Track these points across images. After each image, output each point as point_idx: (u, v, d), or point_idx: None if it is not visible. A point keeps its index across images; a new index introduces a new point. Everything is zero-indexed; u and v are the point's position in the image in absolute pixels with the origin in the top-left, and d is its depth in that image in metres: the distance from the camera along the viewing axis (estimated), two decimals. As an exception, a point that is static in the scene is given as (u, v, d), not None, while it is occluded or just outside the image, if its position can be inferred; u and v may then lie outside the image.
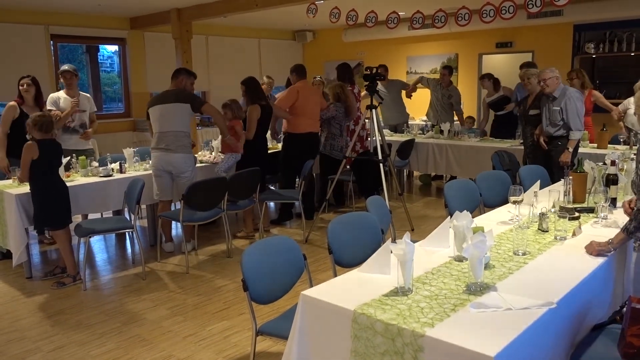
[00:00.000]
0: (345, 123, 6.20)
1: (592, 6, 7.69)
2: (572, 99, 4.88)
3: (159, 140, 4.86)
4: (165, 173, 4.90)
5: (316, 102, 5.98)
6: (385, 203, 3.68)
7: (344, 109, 6.09)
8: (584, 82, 6.08)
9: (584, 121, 5.04)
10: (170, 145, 4.83)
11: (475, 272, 2.12)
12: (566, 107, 4.89)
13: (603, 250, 2.51)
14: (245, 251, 2.53)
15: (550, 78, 4.91)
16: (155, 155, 4.90)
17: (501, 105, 7.17)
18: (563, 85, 5.00)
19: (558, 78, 4.95)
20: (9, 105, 4.99)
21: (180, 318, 3.71)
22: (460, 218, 2.51)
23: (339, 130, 6.13)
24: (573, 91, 4.98)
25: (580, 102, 4.95)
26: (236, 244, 5.35)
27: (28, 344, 3.39)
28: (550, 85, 4.92)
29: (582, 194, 3.42)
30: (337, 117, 6.06)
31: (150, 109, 4.92)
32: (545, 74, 4.94)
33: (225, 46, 10.38)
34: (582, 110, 4.97)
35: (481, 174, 4.29)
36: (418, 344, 1.79)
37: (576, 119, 4.89)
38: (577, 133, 4.93)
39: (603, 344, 2.20)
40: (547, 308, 1.94)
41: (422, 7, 6.51)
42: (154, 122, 4.92)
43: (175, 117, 4.86)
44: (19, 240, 4.33)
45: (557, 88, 4.94)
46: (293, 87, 5.95)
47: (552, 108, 4.97)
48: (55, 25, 8.14)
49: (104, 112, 9.46)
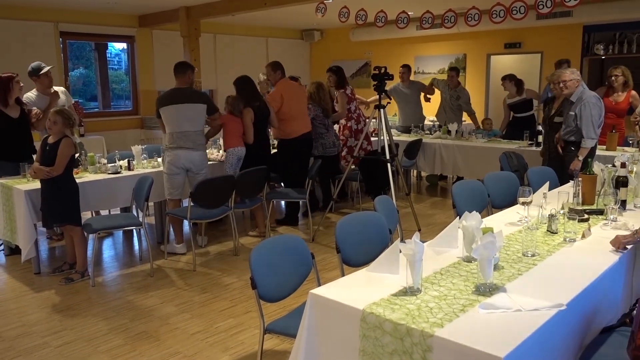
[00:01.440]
0: (328, 121, 6.16)
1: (602, 7, 7.65)
2: (587, 105, 4.64)
3: (179, 139, 4.82)
4: (182, 171, 4.90)
5: (301, 100, 5.89)
6: (392, 203, 3.67)
7: (321, 109, 6.05)
8: (627, 81, 5.77)
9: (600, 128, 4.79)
10: (193, 143, 4.88)
11: (485, 272, 2.12)
12: (580, 113, 4.66)
13: (629, 242, 2.50)
14: (254, 249, 2.53)
15: (571, 80, 4.69)
16: (176, 154, 4.84)
17: (522, 107, 7.04)
18: (583, 88, 4.76)
19: (578, 80, 4.73)
20: None
21: (188, 315, 3.73)
22: (470, 219, 2.50)
23: (325, 128, 6.10)
24: (590, 96, 4.71)
25: (598, 108, 4.69)
26: (243, 242, 5.36)
27: (36, 339, 3.41)
28: (570, 87, 4.71)
29: (592, 196, 3.40)
30: (318, 117, 6.03)
31: (165, 107, 4.82)
32: (565, 75, 4.72)
33: (233, 45, 10.41)
34: (599, 117, 4.71)
35: (489, 174, 4.27)
36: (427, 344, 1.79)
37: (589, 126, 4.64)
38: (588, 141, 4.68)
39: (612, 346, 2.19)
40: (557, 310, 1.93)
41: (431, 7, 6.50)
42: (171, 121, 4.83)
43: (197, 117, 4.91)
44: (28, 236, 4.36)
45: (576, 91, 4.72)
46: (275, 91, 5.77)
47: (569, 112, 4.78)
48: (65, 22, 8.19)
49: (112, 110, 9.51)
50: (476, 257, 2.15)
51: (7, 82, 4.82)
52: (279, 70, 5.80)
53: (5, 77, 4.84)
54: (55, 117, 4.11)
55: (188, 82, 4.96)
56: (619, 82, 5.75)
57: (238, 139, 5.35)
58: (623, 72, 5.75)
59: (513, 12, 5.35)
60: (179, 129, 4.83)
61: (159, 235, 5.41)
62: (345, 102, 6.38)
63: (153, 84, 9.33)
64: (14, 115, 4.88)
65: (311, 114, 5.99)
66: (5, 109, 4.83)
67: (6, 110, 4.85)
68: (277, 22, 10.39)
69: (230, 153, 5.33)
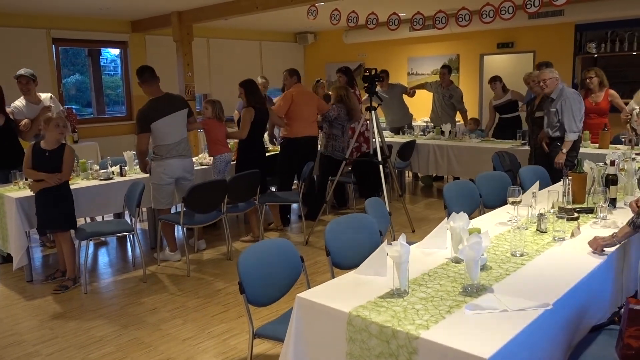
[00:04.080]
0: (348, 125, 6.19)
1: (594, 6, 7.67)
2: (567, 100, 4.83)
3: (173, 149, 4.77)
4: (173, 180, 4.88)
5: (312, 106, 5.96)
6: (384, 204, 3.66)
7: (346, 111, 6.09)
8: (602, 81, 5.92)
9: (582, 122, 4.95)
10: (185, 150, 4.88)
11: (472, 273, 2.11)
12: (562, 107, 4.85)
13: (607, 244, 2.50)
14: (242, 254, 2.53)
15: (550, 79, 4.87)
16: (170, 163, 4.78)
17: (507, 108, 7.11)
18: (562, 85, 4.95)
19: (557, 79, 4.91)
20: None
21: (180, 321, 3.71)
22: (457, 219, 2.50)
23: (341, 131, 6.12)
24: (570, 92, 4.92)
25: (578, 102, 4.89)
26: (236, 246, 5.35)
27: (27, 347, 3.40)
28: (550, 86, 4.89)
29: (582, 195, 3.40)
30: (340, 118, 6.05)
31: (157, 122, 4.67)
32: (545, 74, 4.91)
33: (226, 49, 10.40)
34: (580, 111, 4.89)
35: (481, 174, 4.28)
36: (412, 346, 1.78)
37: (571, 120, 4.82)
38: (571, 134, 4.85)
39: (601, 345, 2.18)
40: (543, 309, 1.93)
41: (422, 8, 6.50)
42: (165, 133, 4.72)
43: (183, 123, 4.88)
44: (19, 244, 4.34)
45: (556, 89, 4.90)
46: (288, 92, 5.92)
47: (550, 109, 4.95)
48: (57, 29, 8.17)
49: (106, 116, 9.50)
50: (462, 258, 2.14)
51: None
52: (295, 75, 6.03)
53: None
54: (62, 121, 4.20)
55: (158, 86, 4.79)
56: (595, 84, 5.93)
57: (223, 145, 5.36)
58: (596, 72, 5.96)
59: (502, 12, 5.36)
60: (172, 140, 4.77)
61: (152, 240, 5.40)
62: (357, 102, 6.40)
63: (147, 89, 9.31)
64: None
65: (334, 114, 6.01)
66: None
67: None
68: (270, 26, 10.39)
69: (217, 160, 5.33)
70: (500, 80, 7.10)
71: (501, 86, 7.08)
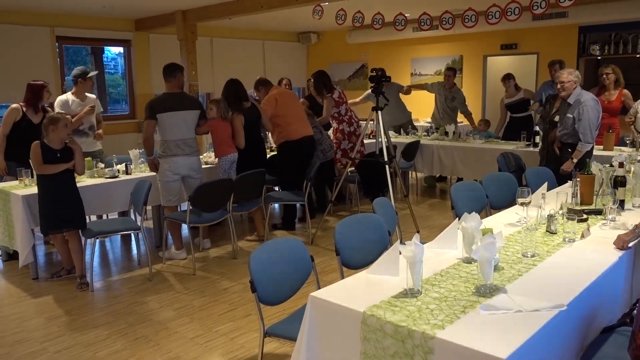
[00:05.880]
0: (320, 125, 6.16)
1: (598, 8, 7.67)
2: (585, 109, 4.57)
3: (177, 147, 4.79)
4: (179, 177, 4.88)
5: (297, 102, 5.91)
6: (391, 204, 3.67)
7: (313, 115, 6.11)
8: (618, 79, 5.79)
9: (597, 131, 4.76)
10: (190, 149, 4.89)
11: (485, 273, 2.11)
12: (579, 116, 4.61)
13: (632, 238, 2.51)
14: (253, 252, 2.53)
15: (569, 82, 4.61)
16: (174, 161, 4.81)
17: (519, 107, 7.07)
18: (580, 90, 4.69)
19: (576, 82, 4.65)
20: (12, 107, 5.00)
21: (187, 319, 3.71)
22: (469, 220, 2.50)
23: (320, 133, 6.07)
24: (589, 99, 4.64)
25: (596, 112, 4.64)
26: (242, 245, 5.35)
27: (34, 344, 3.40)
28: (567, 89, 4.63)
29: (590, 196, 3.41)
30: (311, 122, 6.00)
31: (165, 114, 4.71)
32: (563, 76, 4.65)
33: (230, 48, 10.40)
34: (597, 120, 4.67)
35: (487, 175, 4.28)
36: (428, 346, 1.79)
37: (587, 129, 4.59)
38: (585, 145, 4.64)
39: (613, 346, 2.18)
40: (558, 310, 1.93)
41: (428, 9, 6.51)
42: (169, 129, 4.75)
43: (193, 123, 4.90)
44: (25, 242, 4.35)
45: (574, 93, 4.65)
46: (270, 95, 5.74)
47: (567, 115, 4.73)
48: (61, 27, 8.16)
49: (109, 114, 9.49)
50: (476, 258, 2.14)
51: (39, 90, 5.02)
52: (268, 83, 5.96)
53: (37, 86, 5.03)
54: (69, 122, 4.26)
55: (179, 85, 4.87)
56: (611, 80, 5.82)
57: (229, 145, 5.30)
58: (614, 69, 5.84)
59: (507, 13, 5.37)
60: (176, 136, 4.79)
61: (158, 239, 5.40)
62: (331, 107, 6.34)
63: (150, 88, 9.31)
64: (36, 121, 4.98)
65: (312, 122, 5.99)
66: (33, 115, 4.98)
67: (34, 115, 4.99)
68: (274, 25, 10.39)
69: (222, 160, 5.32)
70: (513, 78, 7.04)
71: (514, 84, 7.02)
